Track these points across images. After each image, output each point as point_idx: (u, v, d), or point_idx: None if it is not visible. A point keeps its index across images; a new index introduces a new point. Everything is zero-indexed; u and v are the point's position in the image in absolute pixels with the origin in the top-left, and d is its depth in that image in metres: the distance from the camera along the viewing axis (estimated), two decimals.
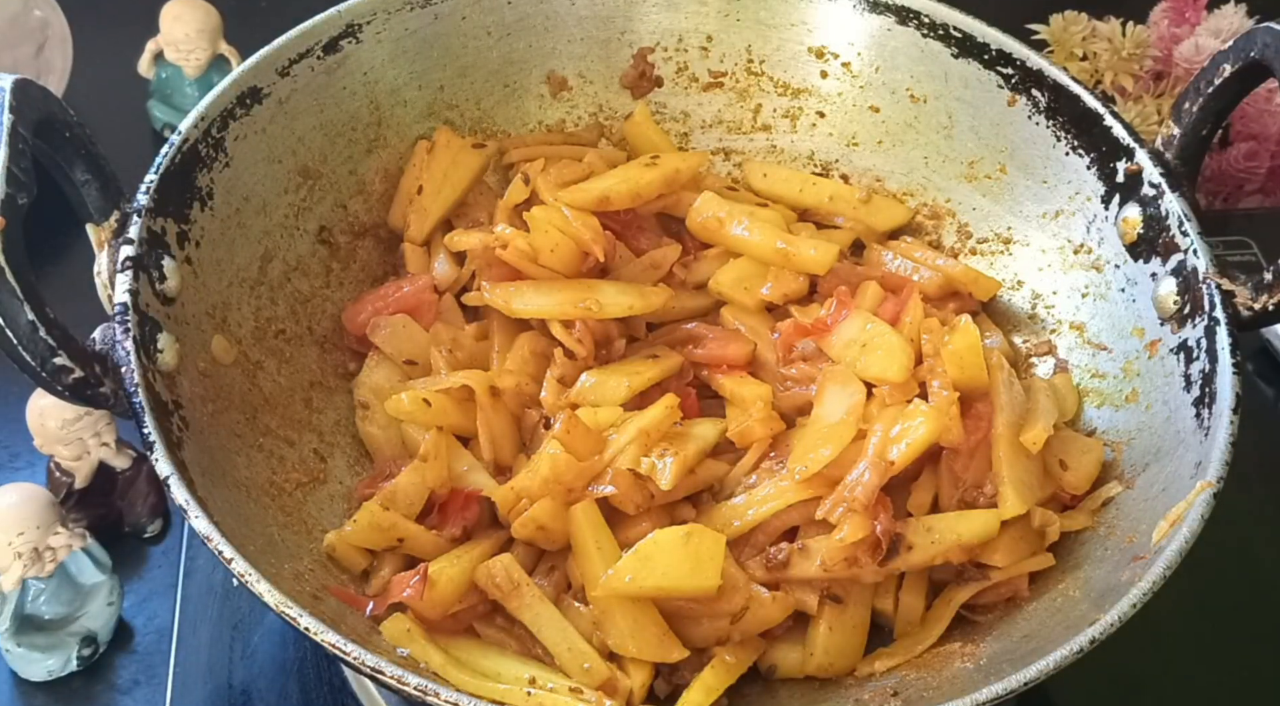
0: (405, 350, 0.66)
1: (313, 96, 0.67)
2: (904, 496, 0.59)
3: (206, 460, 0.55)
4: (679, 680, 0.56)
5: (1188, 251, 0.59)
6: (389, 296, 0.67)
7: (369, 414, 0.65)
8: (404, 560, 0.60)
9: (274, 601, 0.47)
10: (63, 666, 0.66)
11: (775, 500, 0.58)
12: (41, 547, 0.63)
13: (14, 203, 0.50)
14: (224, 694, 0.65)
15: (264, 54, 0.65)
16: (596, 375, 0.63)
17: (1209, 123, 0.62)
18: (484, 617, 0.58)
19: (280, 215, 0.67)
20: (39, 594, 0.65)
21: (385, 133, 0.71)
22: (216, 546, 0.48)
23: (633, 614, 0.54)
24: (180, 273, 0.58)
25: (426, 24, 0.70)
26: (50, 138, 0.55)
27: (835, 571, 0.56)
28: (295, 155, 0.67)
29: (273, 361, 0.64)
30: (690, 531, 0.54)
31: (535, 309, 0.64)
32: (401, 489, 0.59)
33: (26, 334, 0.49)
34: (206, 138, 0.61)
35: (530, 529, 0.57)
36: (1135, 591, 0.49)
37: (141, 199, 0.57)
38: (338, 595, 0.56)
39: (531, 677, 0.54)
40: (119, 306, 0.54)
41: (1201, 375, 0.57)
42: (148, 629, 0.69)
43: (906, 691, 0.54)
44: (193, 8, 0.88)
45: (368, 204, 0.71)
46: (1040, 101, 0.67)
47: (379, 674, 0.46)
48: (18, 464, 0.76)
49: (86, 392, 0.52)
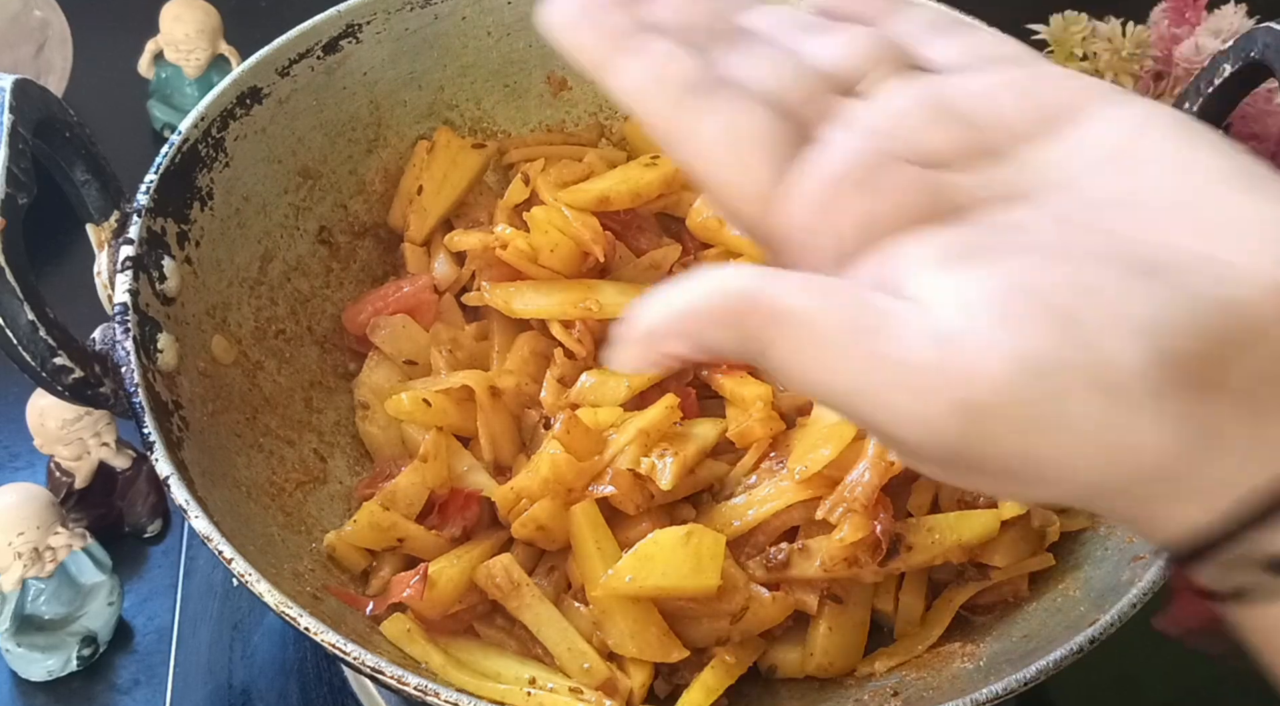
0: (405, 350, 0.66)
1: (313, 96, 0.67)
2: (904, 496, 0.59)
3: (206, 460, 0.55)
4: (679, 680, 0.56)
5: None
6: (389, 296, 0.67)
7: (369, 414, 0.65)
8: (404, 560, 0.60)
9: (274, 601, 0.47)
10: (63, 666, 0.66)
11: (775, 500, 0.58)
12: (41, 547, 0.63)
13: (14, 203, 0.50)
14: (224, 694, 0.65)
15: (264, 54, 0.65)
16: (596, 375, 0.63)
17: (1209, 123, 0.62)
18: (484, 617, 0.58)
19: (280, 215, 0.67)
20: (39, 594, 0.65)
21: (385, 133, 0.71)
22: (216, 546, 0.48)
23: (633, 614, 0.54)
24: (180, 272, 0.58)
25: (426, 24, 0.70)
26: (50, 138, 0.55)
27: (835, 571, 0.56)
28: (295, 155, 0.67)
29: (273, 361, 0.64)
30: (690, 531, 0.54)
31: (535, 309, 0.64)
32: (401, 489, 0.59)
33: (26, 334, 0.49)
34: (206, 138, 0.61)
35: (530, 529, 0.58)
36: (1135, 591, 0.49)
37: (141, 199, 0.57)
38: (338, 595, 0.56)
39: (531, 677, 0.54)
40: (119, 306, 0.54)
41: None
42: (148, 629, 0.69)
43: (906, 691, 0.54)
44: (193, 8, 0.88)
45: (368, 204, 0.71)
46: None
47: (379, 674, 0.46)
48: (18, 464, 0.76)
49: (86, 392, 0.52)
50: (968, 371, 0.25)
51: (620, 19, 0.30)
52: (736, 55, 0.31)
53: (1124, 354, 0.25)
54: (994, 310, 0.25)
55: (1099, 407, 0.25)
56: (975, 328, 0.25)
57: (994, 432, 0.25)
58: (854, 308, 0.26)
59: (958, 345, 0.25)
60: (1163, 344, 0.25)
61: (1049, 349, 0.25)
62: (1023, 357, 0.25)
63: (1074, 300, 0.25)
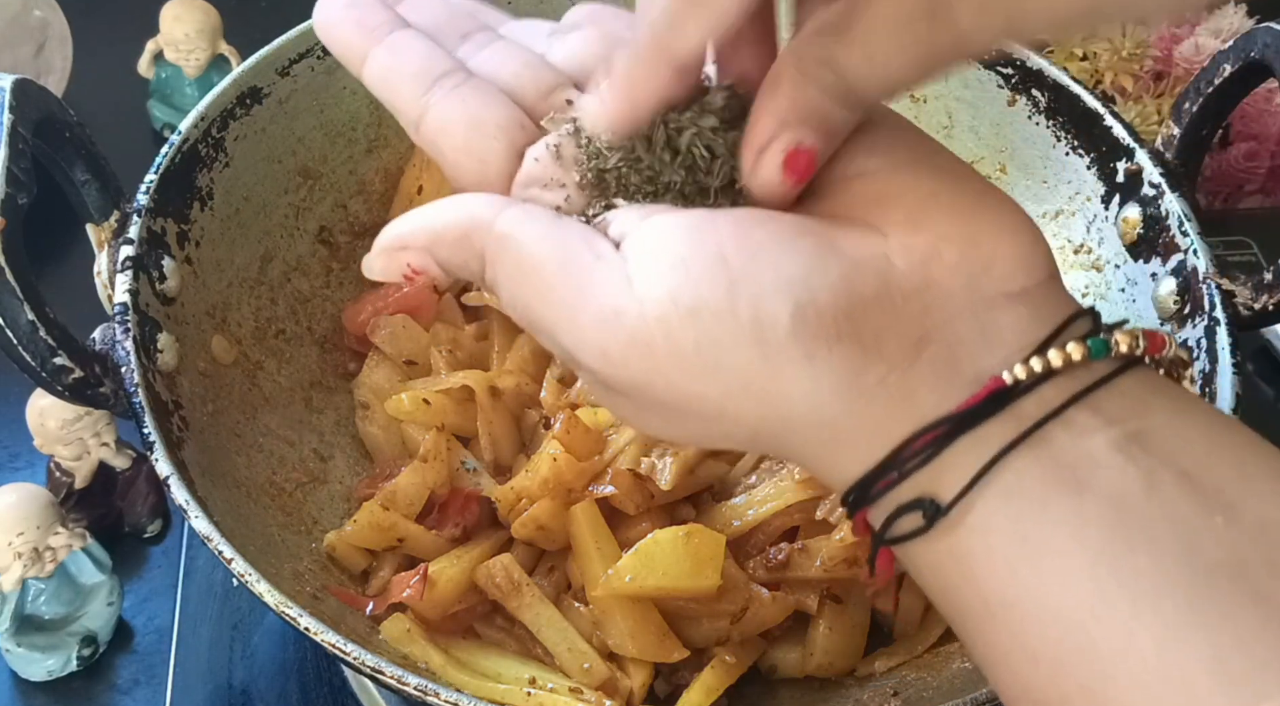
0: (405, 350, 0.66)
1: (313, 96, 0.67)
2: None
3: (206, 460, 0.55)
4: (679, 680, 0.56)
5: (1188, 251, 0.59)
6: (389, 296, 0.67)
7: (369, 414, 0.65)
8: (404, 560, 0.60)
9: (274, 601, 0.47)
10: (63, 666, 0.66)
11: (775, 500, 0.58)
12: (41, 547, 0.63)
13: (14, 203, 0.50)
14: (224, 694, 0.65)
15: (264, 54, 0.65)
16: None
17: (1209, 123, 0.62)
18: (484, 617, 0.58)
19: (280, 215, 0.67)
20: (39, 594, 0.65)
21: (385, 133, 0.71)
22: (216, 546, 0.48)
23: (633, 614, 0.54)
24: (180, 273, 0.58)
25: None
26: (50, 138, 0.55)
27: (835, 571, 0.56)
28: (295, 155, 0.67)
29: (273, 361, 0.64)
30: (690, 531, 0.54)
31: None
32: (401, 489, 0.59)
33: (26, 334, 0.49)
34: (206, 138, 0.61)
35: (530, 529, 0.57)
36: None
37: (141, 199, 0.57)
38: (338, 595, 0.56)
39: (531, 678, 0.54)
40: (119, 306, 0.54)
41: (1202, 375, 0.57)
42: (148, 629, 0.69)
43: (906, 691, 0.54)
44: (193, 8, 0.88)
45: (368, 204, 0.71)
46: (1040, 101, 0.67)
47: (379, 674, 0.46)
48: (18, 464, 0.76)
49: (86, 392, 0.52)
50: (639, 307, 0.28)
51: (376, 17, 0.34)
52: (484, 53, 0.34)
53: (771, 305, 0.28)
54: (669, 254, 0.28)
55: (744, 353, 0.28)
56: (652, 268, 0.28)
57: (661, 367, 0.28)
58: (572, 246, 0.29)
59: (637, 284, 0.28)
60: (805, 297, 0.28)
61: (704, 293, 0.28)
62: (676, 298, 0.28)
63: (739, 255, 0.28)
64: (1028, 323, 0.29)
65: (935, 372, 0.28)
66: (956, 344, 0.28)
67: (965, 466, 0.28)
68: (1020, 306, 0.29)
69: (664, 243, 0.29)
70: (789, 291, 0.28)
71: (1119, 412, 0.28)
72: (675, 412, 0.29)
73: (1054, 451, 0.27)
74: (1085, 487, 0.27)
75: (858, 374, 0.28)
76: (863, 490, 0.29)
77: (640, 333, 0.28)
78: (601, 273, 0.29)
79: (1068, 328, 0.29)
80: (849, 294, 0.28)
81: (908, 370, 0.28)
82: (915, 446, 0.28)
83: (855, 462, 0.29)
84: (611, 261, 0.29)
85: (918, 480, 0.28)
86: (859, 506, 0.30)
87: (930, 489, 0.28)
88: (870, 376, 0.28)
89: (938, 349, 0.28)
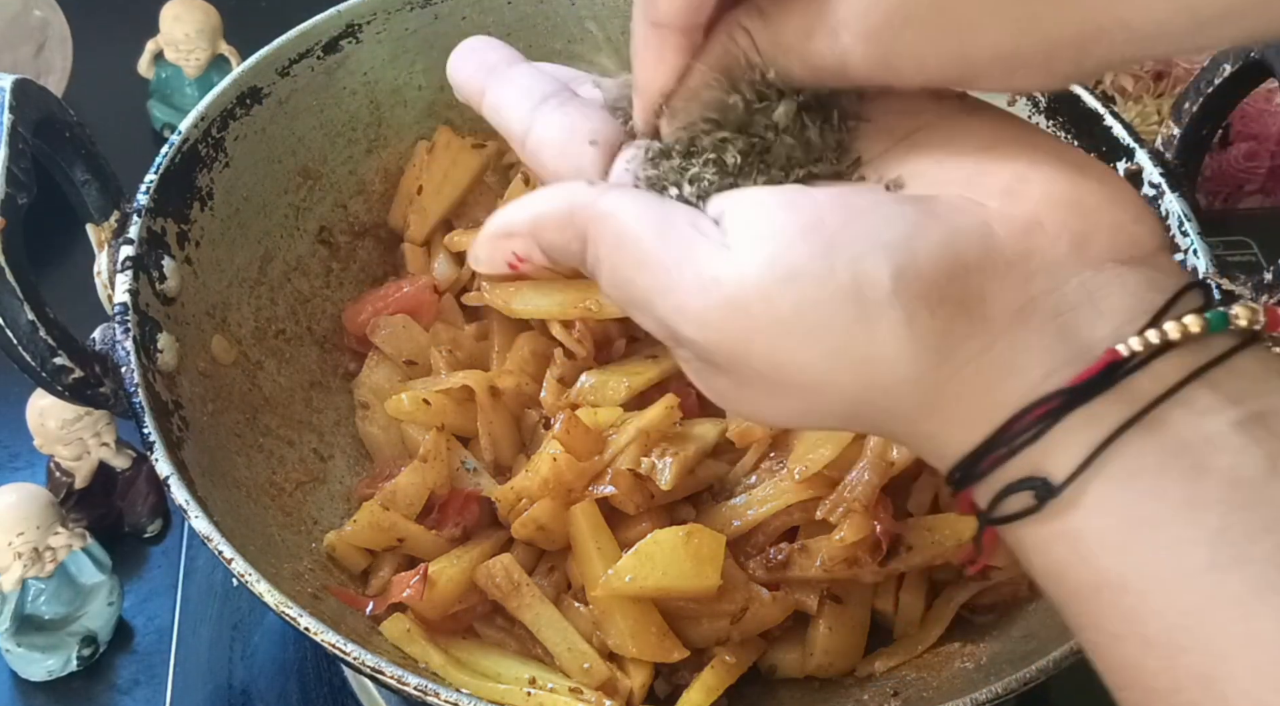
0: (405, 350, 0.66)
1: (313, 96, 0.67)
2: (904, 496, 0.59)
3: (206, 460, 0.55)
4: (679, 680, 0.56)
5: (1188, 251, 0.59)
6: (389, 296, 0.67)
7: (369, 414, 0.65)
8: (404, 560, 0.60)
9: (274, 601, 0.47)
10: (63, 666, 0.66)
11: (775, 500, 0.58)
12: (41, 547, 0.63)
13: (14, 203, 0.50)
14: (224, 694, 0.65)
15: (264, 54, 0.65)
16: (596, 375, 0.63)
17: (1209, 123, 0.62)
18: (484, 617, 0.58)
19: (280, 215, 0.67)
20: (39, 594, 0.65)
21: (385, 133, 0.71)
22: (216, 546, 0.48)
23: (633, 614, 0.54)
24: (180, 273, 0.58)
25: (427, 24, 0.70)
26: (50, 138, 0.55)
27: (835, 571, 0.56)
28: (295, 155, 0.67)
29: (273, 361, 0.64)
30: (690, 531, 0.54)
31: (535, 309, 0.64)
32: (401, 489, 0.59)
33: (26, 334, 0.49)
34: (206, 138, 0.62)
35: (530, 529, 0.57)
36: None
37: (141, 199, 0.57)
38: (338, 595, 0.56)
39: (531, 678, 0.54)
40: (119, 306, 0.54)
41: None
42: (148, 629, 0.69)
43: (906, 691, 0.54)
44: (193, 8, 0.88)
45: (368, 204, 0.71)
46: (1040, 101, 0.67)
47: (379, 674, 0.46)
48: (18, 464, 0.76)
49: (86, 392, 0.52)
50: (737, 274, 0.28)
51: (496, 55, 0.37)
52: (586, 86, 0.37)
53: (871, 266, 0.27)
54: (767, 221, 0.29)
55: (843, 317, 0.27)
56: (750, 236, 0.29)
57: (760, 333, 0.28)
58: (671, 218, 0.30)
59: (735, 251, 0.28)
60: (905, 259, 0.27)
61: (802, 257, 0.28)
62: (774, 263, 0.28)
63: (836, 221, 0.28)
64: (1141, 292, 0.28)
65: (1042, 342, 0.27)
66: (1067, 311, 0.27)
67: (1076, 444, 0.27)
68: (1131, 275, 0.28)
69: (761, 211, 0.29)
70: (889, 253, 0.27)
71: (1239, 392, 0.27)
72: (775, 386, 0.29)
73: (1172, 431, 0.26)
74: (1205, 470, 0.26)
75: (961, 340, 0.27)
76: (970, 466, 0.28)
77: (738, 298, 0.28)
78: (700, 242, 0.29)
79: (1180, 299, 0.28)
80: (951, 257, 0.27)
81: (1013, 339, 0.27)
82: (1026, 421, 0.27)
83: (959, 437, 0.28)
84: (710, 233, 0.29)
85: (1027, 457, 0.27)
86: (966, 484, 0.29)
87: (1039, 466, 0.27)
88: (974, 343, 0.27)
89: (1044, 317, 0.27)
